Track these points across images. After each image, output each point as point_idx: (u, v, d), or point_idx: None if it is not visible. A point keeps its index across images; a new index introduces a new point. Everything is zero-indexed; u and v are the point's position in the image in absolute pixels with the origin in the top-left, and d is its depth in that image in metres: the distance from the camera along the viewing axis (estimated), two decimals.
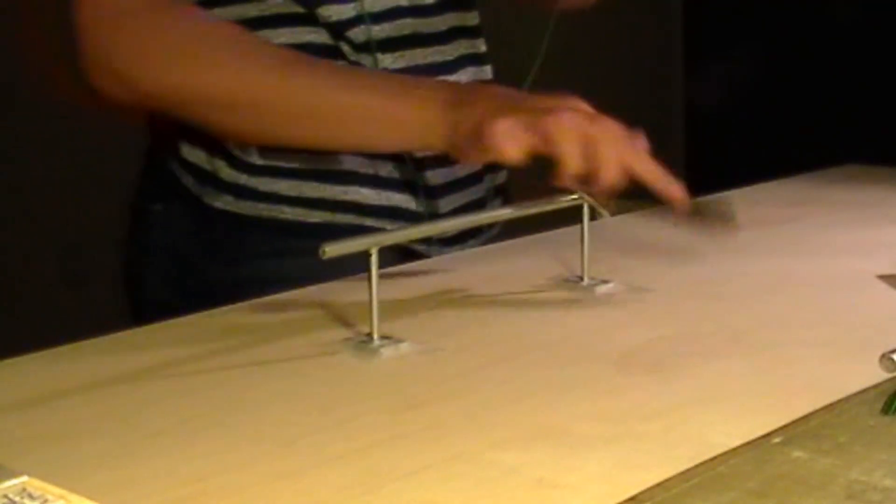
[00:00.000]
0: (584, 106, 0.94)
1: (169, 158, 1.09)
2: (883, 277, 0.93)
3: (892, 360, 0.69)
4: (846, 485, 0.56)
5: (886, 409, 0.65)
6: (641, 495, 0.55)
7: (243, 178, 1.05)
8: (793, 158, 1.71)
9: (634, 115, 1.02)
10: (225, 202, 1.06)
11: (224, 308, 0.90)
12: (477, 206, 1.12)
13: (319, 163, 1.05)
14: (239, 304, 0.91)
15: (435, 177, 1.09)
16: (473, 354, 0.79)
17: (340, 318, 0.87)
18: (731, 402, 0.68)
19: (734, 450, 0.60)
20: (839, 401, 0.66)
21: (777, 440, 0.61)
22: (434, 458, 0.61)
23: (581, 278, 0.94)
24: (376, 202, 1.07)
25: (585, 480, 0.58)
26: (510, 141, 0.90)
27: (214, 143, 1.06)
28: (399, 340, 0.80)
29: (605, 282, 0.94)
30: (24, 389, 0.73)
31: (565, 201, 0.92)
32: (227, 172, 1.06)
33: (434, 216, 1.09)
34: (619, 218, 1.16)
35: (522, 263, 1.03)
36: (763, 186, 1.34)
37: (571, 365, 0.76)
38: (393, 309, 0.88)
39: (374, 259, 0.79)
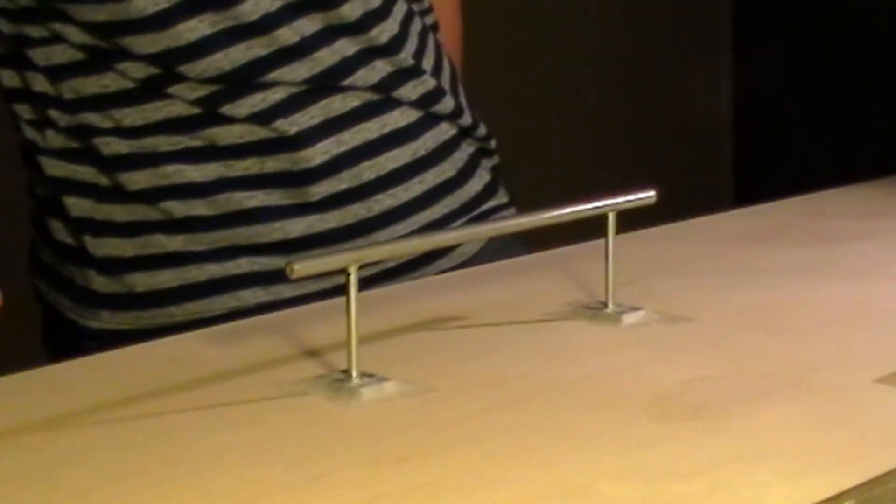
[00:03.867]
0: None
1: None
2: None
3: None
4: None
5: None
6: None
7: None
8: (863, 160, 1.72)
9: (676, 109, 1.02)
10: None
11: (168, 338, 0.90)
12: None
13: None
14: (187, 334, 0.91)
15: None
16: (473, 397, 0.78)
17: (311, 350, 0.86)
18: (790, 457, 0.68)
19: None
20: None
21: None
22: None
23: (605, 304, 0.94)
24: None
25: None
26: None
27: None
28: (383, 379, 0.79)
29: (635, 309, 0.93)
30: None
31: (588, 210, 0.91)
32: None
33: None
34: (651, 231, 1.16)
35: (534, 286, 1.04)
36: (829, 194, 1.35)
37: (594, 410, 0.75)
38: (376, 340, 0.88)
39: (352, 279, 0.78)
